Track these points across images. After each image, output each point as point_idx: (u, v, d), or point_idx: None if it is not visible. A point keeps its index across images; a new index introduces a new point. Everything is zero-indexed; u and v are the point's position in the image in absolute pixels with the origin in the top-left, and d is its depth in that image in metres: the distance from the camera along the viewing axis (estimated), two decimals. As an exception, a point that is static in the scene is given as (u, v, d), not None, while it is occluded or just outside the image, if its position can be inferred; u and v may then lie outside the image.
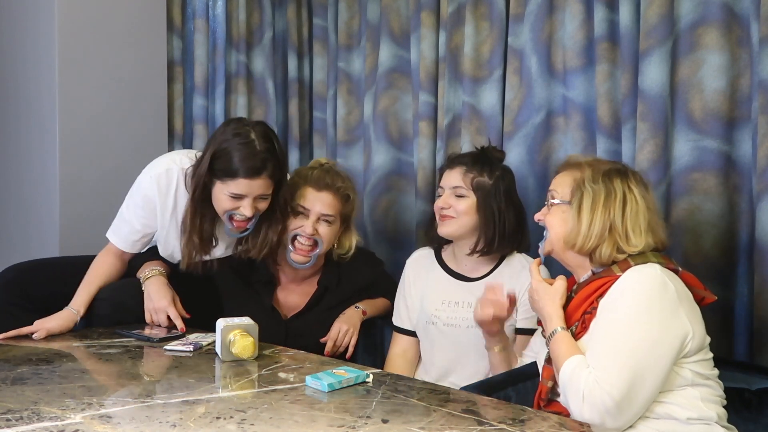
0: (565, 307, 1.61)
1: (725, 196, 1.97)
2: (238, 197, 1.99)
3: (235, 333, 1.72)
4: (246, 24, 3.10)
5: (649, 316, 1.44)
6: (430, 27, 2.60)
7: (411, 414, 1.33)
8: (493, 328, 1.84)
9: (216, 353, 1.76)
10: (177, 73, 3.05)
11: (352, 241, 2.25)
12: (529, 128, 2.37)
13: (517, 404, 1.45)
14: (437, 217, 2.08)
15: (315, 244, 2.13)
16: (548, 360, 1.58)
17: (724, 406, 1.52)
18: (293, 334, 2.17)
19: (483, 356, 1.94)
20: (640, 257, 1.54)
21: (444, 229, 2.05)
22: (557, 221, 1.64)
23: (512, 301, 1.84)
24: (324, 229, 2.14)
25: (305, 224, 2.12)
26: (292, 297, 2.27)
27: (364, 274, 2.30)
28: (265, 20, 3.13)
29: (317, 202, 2.13)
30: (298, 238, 2.13)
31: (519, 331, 2.03)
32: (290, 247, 2.13)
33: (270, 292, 2.23)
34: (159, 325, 2.05)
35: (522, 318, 2.03)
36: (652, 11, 2.00)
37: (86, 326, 2.12)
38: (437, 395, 1.47)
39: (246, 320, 1.78)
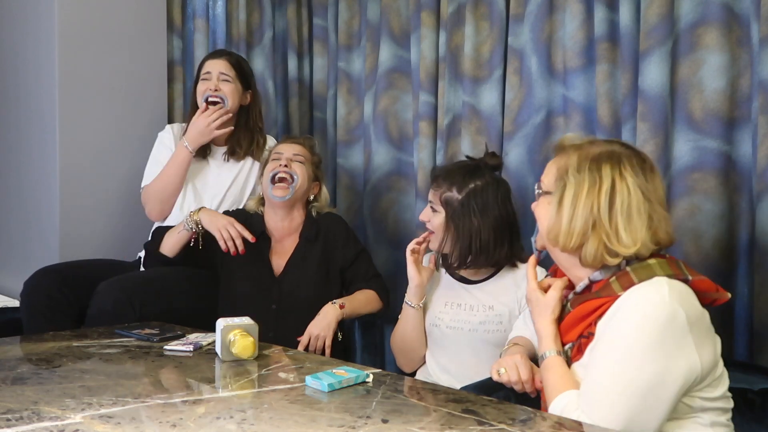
0: (560, 316, 1.49)
1: (725, 196, 1.97)
2: (206, 78, 2.53)
3: (235, 333, 1.72)
4: (246, 24, 3.09)
5: (653, 355, 1.28)
6: (430, 27, 2.60)
7: (411, 414, 1.33)
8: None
9: (216, 353, 1.76)
10: (177, 73, 3.05)
11: (326, 195, 2.50)
12: (529, 128, 2.37)
13: (517, 404, 1.45)
14: None
15: (292, 179, 2.34)
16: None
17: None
18: (286, 291, 2.32)
19: (484, 359, 1.94)
20: (644, 270, 1.36)
21: (430, 245, 2.10)
22: (543, 213, 1.47)
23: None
24: (297, 166, 2.36)
25: (280, 161, 2.36)
26: (280, 256, 2.39)
27: (338, 223, 2.47)
28: (265, 20, 3.13)
29: (288, 148, 2.41)
30: (276, 175, 2.34)
31: None
32: (270, 185, 2.34)
33: (266, 245, 2.38)
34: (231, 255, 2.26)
35: None
36: (652, 11, 2.00)
37: (86, 324, 2.14)
38: (437, 395, 1.46)
39: (246, 320, 1.78)
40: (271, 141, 2.65)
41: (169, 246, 2.33)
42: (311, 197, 2.44)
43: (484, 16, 2.48)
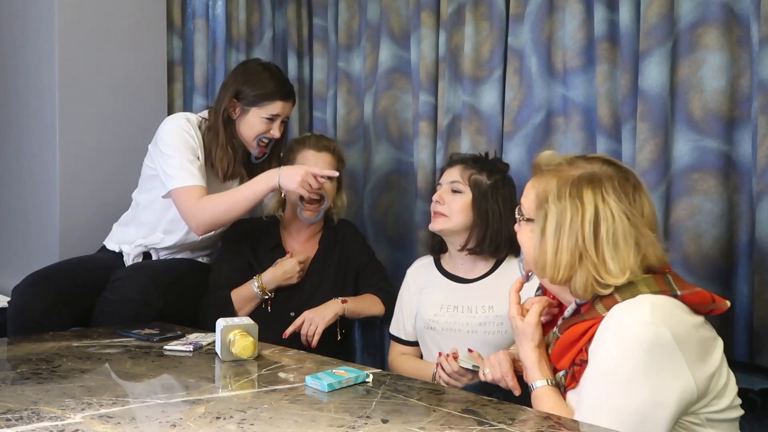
0: (549, 343, 1.44)
1: (725, 196, 1.97)
2: (271, 119, 2.32)
3: (235, 333, 1.72)
4: (246, 24, 3.09)
5: (641, 380, 1.23)
6: (430, 27, 2.60)
7: (411, 414, 1.33)
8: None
9: (216, 353, 1.77)
10: (177, 73, 3.05)
11: (344, 200, 2.47)
12: (529, 128, 2.37)
13: (517, 404, 1.45)
14: (432, 214, 2.09)
15: (321, 199, 2.31)
16: None
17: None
18: (305, 297, 2.32)
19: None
20: (627, 289, 1.31)
21: (434, 226, 2.07)
22: (526, 241, 1.42)
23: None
24: (328, 186, 2.31)
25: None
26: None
27: (353, 231, 2.49)
28: (265, 20, 3.13)
29: (319, 161, 2.32)
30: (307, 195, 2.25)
31: None
32: (300, 204, 2.29)
33: (282, 256, 2.35)
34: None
35: None
36: (652, 11, 2.00)
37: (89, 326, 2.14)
38: (437, 395, 1.47)
39: (246, 320, 1.78)
40: None
41: (246, 312, 2.29)
42: (331, 206, 2.42)
43: (484, 16, 2.48)
